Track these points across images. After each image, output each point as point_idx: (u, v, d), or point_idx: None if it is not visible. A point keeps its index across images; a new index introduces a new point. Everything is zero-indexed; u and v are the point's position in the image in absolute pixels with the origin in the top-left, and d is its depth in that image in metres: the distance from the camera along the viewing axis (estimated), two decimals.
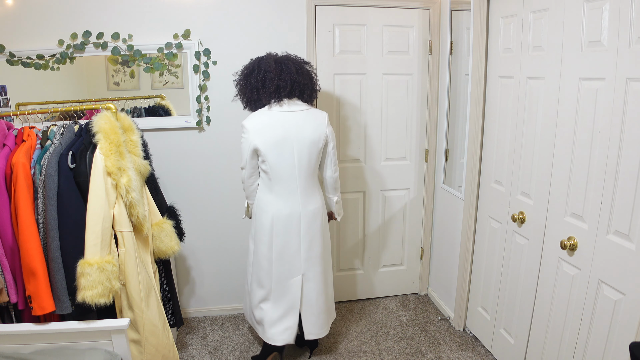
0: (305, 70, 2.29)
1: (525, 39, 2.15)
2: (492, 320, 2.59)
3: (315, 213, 2.35)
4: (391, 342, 2.81)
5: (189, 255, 3.02)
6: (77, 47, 2.54)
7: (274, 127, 2.19)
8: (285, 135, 2.20)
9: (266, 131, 2.18)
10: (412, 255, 3.35)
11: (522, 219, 2.26)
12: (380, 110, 3.02)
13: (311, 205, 2.33)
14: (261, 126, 2.19)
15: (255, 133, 2.18)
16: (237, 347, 2.77)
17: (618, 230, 1.69)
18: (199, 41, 2.68)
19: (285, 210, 2.29)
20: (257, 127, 2.19)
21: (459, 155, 2.88)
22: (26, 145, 1.87)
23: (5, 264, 1.77)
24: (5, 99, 2.55)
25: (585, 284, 1.85)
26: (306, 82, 2.27)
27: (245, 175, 2.32)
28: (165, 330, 2.04)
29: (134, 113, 2.75)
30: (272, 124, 2.19)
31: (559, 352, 2.03)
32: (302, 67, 2.27)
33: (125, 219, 1.88)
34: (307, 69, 2.31)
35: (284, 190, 2.27)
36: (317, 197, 2.37)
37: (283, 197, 2.28)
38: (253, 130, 2.18)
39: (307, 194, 2.32)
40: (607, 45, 1.68)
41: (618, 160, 1.67)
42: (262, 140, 2.18)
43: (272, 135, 2.18)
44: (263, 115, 2.22)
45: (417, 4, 2.90)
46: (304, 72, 2.27)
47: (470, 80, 2.57)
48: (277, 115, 2.21)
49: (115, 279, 1.80)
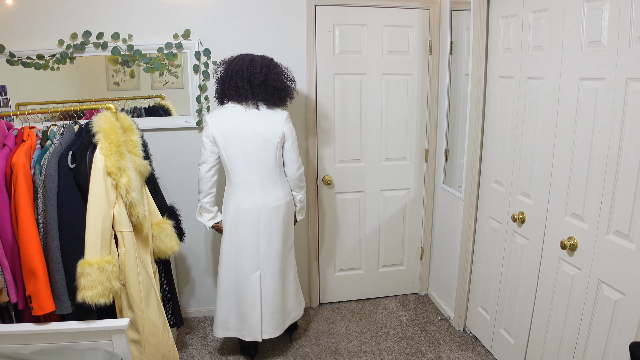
0: (278, 79, 2.31)
1: (525, 39, 2.15)
2: (492, 320, 2.59)
3: (276, 210, 2.39)
4: (391, 342, 2.81)
5: (189, 255, 3.02)
6: (77, 47, 2.54)
7: (231, 120, 2.30)
8: (241, 128, 2.29)
9: (223, 123, 2.29)
10: (412, 255, 3.35)
11: (522, 219, 2.26)
12: (380, 110, 3.02)
13: (272, 201, 2.38)
14: (219, 118, 2.31)
15: (213, 125, 2.30)
16: (237, 347, 2.76)
17: (618, 230, 1.69)
18: (199, 41, 2.68)
19: (245, 204, 2.36)
20: (214, 119, 2.31)
21: (459, 155, 2.88)
22: (26, 145, 1.87)
23: (5, 264, 1.77)
24: (5, 99, 2.55)
25: (585, 284, 1.85)
26: (276, 86, 2.30)
27: (204, 169, 2.35)
28: (165, 330, 2.04)
29: (134, 113, 2.75)
30: (229, 116, 2.30)
31: (559, 352, 2.04)
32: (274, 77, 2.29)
33: (125, 219, 1.88)
34: (280, 78, 2.32)
35: (242, 184, 2.36)
36: (279, 194, 2.41)
37: (242, 190, 2.36)
38: (212, 123, 2.30)
39: (268, 190, 2.37)
40: (607, 45, 1.68)
41: (618, 160, 1.67)
42: (219, 131, 2.29)
43: (228, 127, 2.29)
44: (223, 109, 2.35)
45: (417, 4, 2.90)
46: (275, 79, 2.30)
47: (470, 80, 2.57)
48: (235, 109, 2.32)
49: (115, 279, 1.80)
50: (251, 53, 2.36)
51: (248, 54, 2.35)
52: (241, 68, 2.26)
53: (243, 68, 2.25)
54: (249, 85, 2.26)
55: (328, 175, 3.05)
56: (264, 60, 2.30)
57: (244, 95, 2.27)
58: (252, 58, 2.29)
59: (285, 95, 2.35)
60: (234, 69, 2.27)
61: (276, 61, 2.36)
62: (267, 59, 2.32)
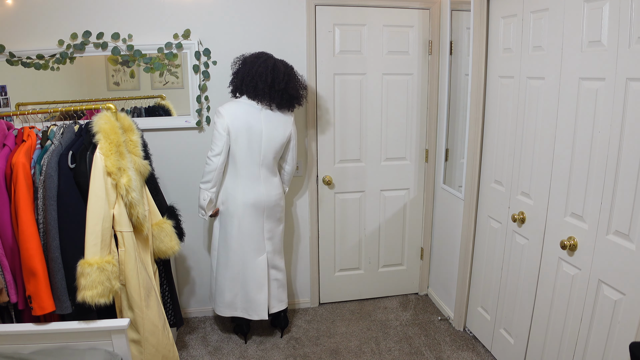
0: (295, 87, 2.45)
1: (525, 39, 2.15)
2: (492, 320, 2.59)
3: (277, 200, 2.62)
4: (391, 342, 2.81)
5: (189, 255, 3.02)
6: (77, 47, 2.54)
7: (245, 115, 2.43)
8: (255, 124, 2.44)
9: (236, 117, 2.42)
10: (412, 255, 3.35)
11: (522, 219, 2.26)
12: (380, 110, 3.02)
13: (273, 192, 2.58)
14: (234, 111, 2.42)
15: (229, 117, 2.41)
16: (237, 347, 2.77)
17: (618, 230, 1.69)
18: (199, 41, 2.68)
19: (251, 194, 2.52)
20: (230, 112, 2.42)
21: (459, 155, 2.88)
22: (26, 145, 1.87)
23: (5, 264, 1.77)
24: (5, 99, 2.55)
25: (585, 284, 1.85)
26: (292, 95, 2.45)
27: (219, 162, 2.44)
28: (165, 330, 2.04)
29: (134, 113, 2.75)
30: (243, 111, 2.43)
31: (559, 352, 2.04)
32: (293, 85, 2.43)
33: (125, 219, 1.88)
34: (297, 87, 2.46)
35: (249, 176, 2.51)
36: (277, 185, 2.62)
37: (248, 183, 2.52)
38: (227, 115, 2.41)
39: (269, 182, 2.57)
40: (607, 45, 1.68)
41: (618, 160, 1.67)
42: (233, 124, 2.41)
43: (242, 122, 2.42)
44: (236, 103, 2.46)
45: (417, 4, 2.90)
46: (294, 88, 2.45)
47: (470, 80, 2.57)
48: (249, 106, 2.45)
49: (115, 279, 1.80)
50: (270, 54, 2.46)
51: (270, 56, 2.45)
52: (265, 71, 2.37)
53: (267, 72, 2.37)
54: (268, 90, 2.39)
55: (328, 175, 3.05)
56: (286, 68, 2.43)
57: (262, 96, 2.41)
58: (275, 63, 2.42)
59: (297, 102, 2.52)
60: (257, 70, 2.37)
61: (295, 70, 2.49)
62: (288, 67, 2.45)
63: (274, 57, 2.46)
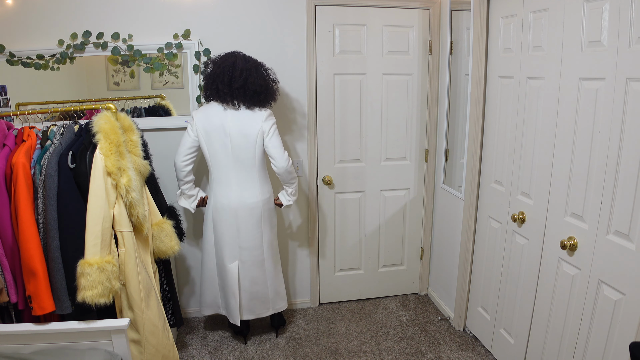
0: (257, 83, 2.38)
1: (525, 39, 2.15)
2: (492, 320, 2.59)
3: (252, 207, 2.50)
4: (391, 342, 2.81)
5: (189, 255, 3.02)
6: (77, 47, 2.54)
7: (214, 117, 2.42)
8: (221, 125, 2.41)
9: (207, 120, 2.43)
10: (412, 255, 3.35)
11: (522, 219, 2.26)
12: (380, 110, 3.02)
13: (248, 198, 2.49)
14: (204, 115, 2.44)
15: (198, 121, 2.44)
16: (237, 347, 2.77)
17: (618, 230, 1.69)
18: (199, 41, 2.68)
19: (222, 200, 2.50)
20: (200, 115, 2.44)
21: (459, 155, 2.88)
22: (26, 145, 1.87)
23: (5, 264, 1.77)
24: (5, 99, 2.55)
25: (585, 284, 1.86)
26: (255, 90, 2.38)
27: (179, 161, 2.47)
28: (165, 330, 2.04)
29: (134, 113, 2.75)
30: (212, 114, 2.42)
31: (559, 352, 2.04)
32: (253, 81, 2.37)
33: (125, 219, 1.88)
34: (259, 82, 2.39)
35: (222, 178, 2.49)
36: (256, 192, 2.50)
37: (221, 185, 2.50)
38: (197, 118, 2.44)
39: (245, 187, 2.49)
40: (607, 45, 1.68)
41: (618, 160, 1.67)
42: (203, 127, 2.42)
43: (211, 124, 2.41)
44: (208, 107, 2.47)
45: (417, 4, 2.90)
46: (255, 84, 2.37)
47: (470, 80, 2.57)
48: (217, 108, 2.43)
49: (115, 279, 1.80)
50: (238, 52, 2.43)
51: (234, 54, 2.41)
52: (222, 71, 2.35)
53: (225, 71, 2.35)
54: (228, 89, 2.36)
55: (328, 175, 3.05)
56: (245, 64, 2.37)
57: (224, 97, 2.39)
58: (234, 61, 2.37)
59: (265, 98, 2.43)
60: (216, 72, 2.37)
61: (260, 63, 2.44)
62: (249, 62, 2.39)
63: (239, 54, 2.40)
